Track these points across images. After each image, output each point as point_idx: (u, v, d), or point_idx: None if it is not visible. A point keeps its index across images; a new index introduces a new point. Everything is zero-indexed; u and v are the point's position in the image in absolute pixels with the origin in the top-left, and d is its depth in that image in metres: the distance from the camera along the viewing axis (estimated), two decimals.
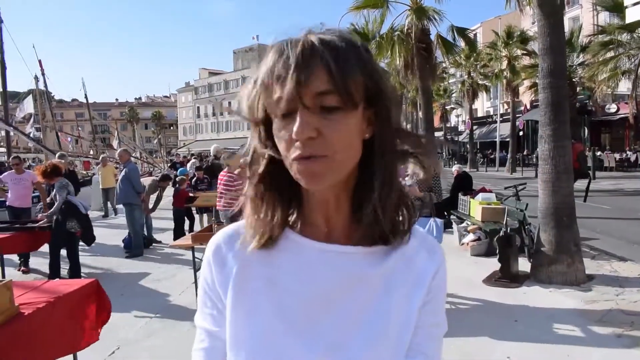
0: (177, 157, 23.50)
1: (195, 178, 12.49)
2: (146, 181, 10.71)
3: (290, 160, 0.75)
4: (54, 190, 7.43)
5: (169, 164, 19.97)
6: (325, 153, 0.73)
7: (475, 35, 49.00)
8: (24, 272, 8.04)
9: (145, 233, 10.21)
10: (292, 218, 0.87)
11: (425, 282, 0.88)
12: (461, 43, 16.75)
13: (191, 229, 9.94)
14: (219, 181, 8.17)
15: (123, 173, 9.66)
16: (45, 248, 7.58)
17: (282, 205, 0.85)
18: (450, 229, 9.71)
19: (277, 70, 0.74)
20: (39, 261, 8.38)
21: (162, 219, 11.71)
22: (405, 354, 0.86)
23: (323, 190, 0.81)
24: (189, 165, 18.71)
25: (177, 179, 11.56)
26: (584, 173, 8.23)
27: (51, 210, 7.32)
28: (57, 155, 12.75)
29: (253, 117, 0.81)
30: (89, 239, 7.65)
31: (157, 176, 12.49)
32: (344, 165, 0.77)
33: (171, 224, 10.50)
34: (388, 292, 0.85)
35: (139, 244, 9.39)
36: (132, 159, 11.53)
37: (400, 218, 0.86)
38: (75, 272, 7.31)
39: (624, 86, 21.97)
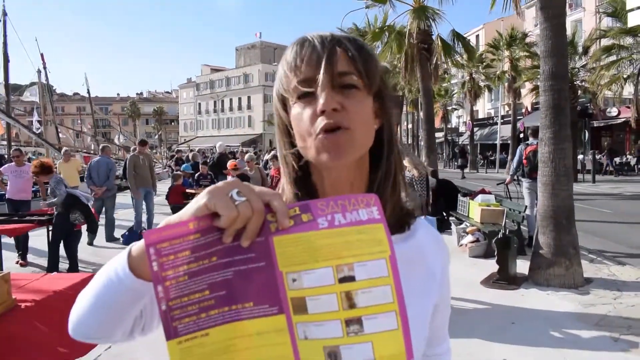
0: (179, 153, 23.41)
1: (198, 173, 12.45)
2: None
3: (313, 136, 0.82)
4: (50, 186, 7.43)
5: (172, 162, 19.81)
6: (349, 125, 0.81)
7: (477, 36, 49.05)
8: (21, 265, 8.03)
9: (145, 227, 10.28)
10: None
11: (437, 275, 0.96)
12: (461, 48, 16.70)
13: None
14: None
15: None
16: (43, 242, 7.58)
17: (310, 198, 0.86)
18: (449, 230, 9.71)
19: (299, 57, 0.84)
20: (37, 254, 8.38)
21: (161, 215, 11.70)
22: (431, 342, 0.97)
23: (338, 175, 0.87)
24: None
25: (171, 175, 11.54)
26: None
27: (53, 200, 7.31)
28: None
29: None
30: (93, 228, 7.69)
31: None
32: (362, 142, 0.84)
33: None
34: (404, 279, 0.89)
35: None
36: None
37: (409, 204, 0.95)
38: (73, 266, 7.32)
39: (626, 90, 21.96)
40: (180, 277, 0.64)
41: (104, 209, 10.15)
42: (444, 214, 10.24)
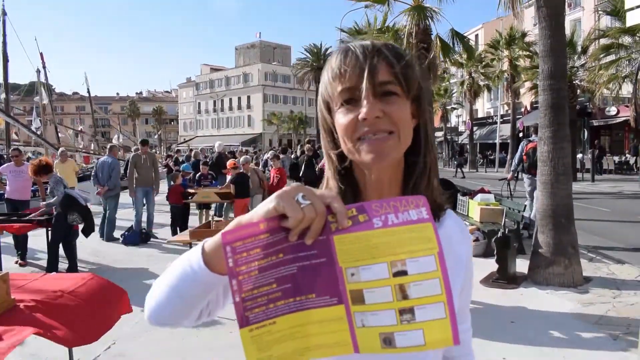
0: (178, 152, 23.28)
1: (199, 173, 12.43)
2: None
3: (354, 140, 0.90)
4: (49, 186, 7.44)
5: (172, 161, 19.76)
6: (391, 129, 0.89)
7: (476, 36, 49.04)
8: (21, 265, 8.03)
9: (145, 227, 10.28)
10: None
11: (463, 262, 1.05)
12: (460, 48, 16.62)
13: (185, 226, 9.88)
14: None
15: None
16: (42, 242, 7.57)
17: (352, 192, 0.99)
18: None
19: (343, 65, 0.91)
20: (36, 255, 8.38)
21: (160, 215, 11.70)
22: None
23: (379, 173, 0.96)
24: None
25: (169, 175, 11.53)
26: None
27: (51, 201, 7.33)
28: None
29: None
30: (89, 229, 7.65)
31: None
32: (402, 143, 0.92)
33: (169, 220, 10.49)
34: None
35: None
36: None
37: (439, 198, 1.03)
38: (72, 266, 7.32)
39: (625, 89, 21.95)
40: (252, 272, 0.73)
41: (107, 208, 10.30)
42: None
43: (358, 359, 0.78)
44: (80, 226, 7.55)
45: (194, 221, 10.92)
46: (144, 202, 10.63)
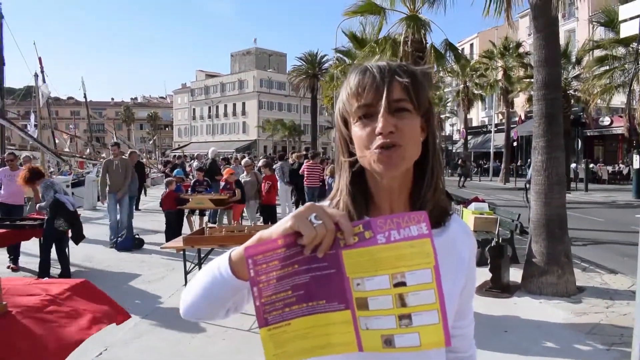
0: (179, 159, 23.08)
1: (194, 179, 12.38)
2: None
3: (371, 150, 0.99)
4: (40, 191, 7.39)
5: (167, 167, 19.57)
6: (401, 143, 0.98)
7: (471, 45, 49.26)
8: (13, 269, 7.98)
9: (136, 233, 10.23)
10: (368, 206, 1.11)
11: (465, 263, 1.15)
12: (452, 58, 16.69)
13: (179, 232, 9.79)
14: (305, 167, 12.92)
15: None
16: (34, 247, 7.52)
17: (363, 197, 1.09)
18: None
19: (362, 84, 1.01)
20: (28, 259, 8.33)
21: (155, 221, 11.66)
22: (458, 315, 1.17)
23: (390, 181, 1.04)
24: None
25: (165, 181, 11.53)
26: None
27: (42, 204, 7.30)
28: (128, 152, 13.10)
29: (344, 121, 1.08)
30: (78, 236, 7.57)
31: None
32: (412, 155, 1.02)
33: (163, 226, 10.44)
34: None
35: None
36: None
37: (444, 204, 1.11)
38: (64, 271, 7.27)
39: (618, 99, 22.07)
40: (271, 280, 0.84)
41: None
42: None
43: (364, 357, 0.89)
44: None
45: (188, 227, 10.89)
46: (118, 208, 10.36)
